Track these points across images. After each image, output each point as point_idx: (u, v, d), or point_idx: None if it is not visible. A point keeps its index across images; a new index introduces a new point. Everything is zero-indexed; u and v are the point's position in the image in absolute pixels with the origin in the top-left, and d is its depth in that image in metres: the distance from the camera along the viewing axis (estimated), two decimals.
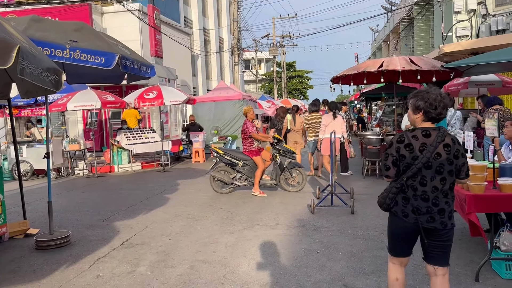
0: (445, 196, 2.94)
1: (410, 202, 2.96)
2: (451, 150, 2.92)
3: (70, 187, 10.44)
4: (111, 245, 5.46)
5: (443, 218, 2.93)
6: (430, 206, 2.92)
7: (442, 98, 2.98)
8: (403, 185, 2.97)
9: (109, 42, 4.97)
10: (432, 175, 2.92)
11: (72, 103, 11.36)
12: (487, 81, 11.79)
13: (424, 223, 2.93)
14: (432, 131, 2.95)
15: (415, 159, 2.93)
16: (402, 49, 25.57)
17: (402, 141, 2.98)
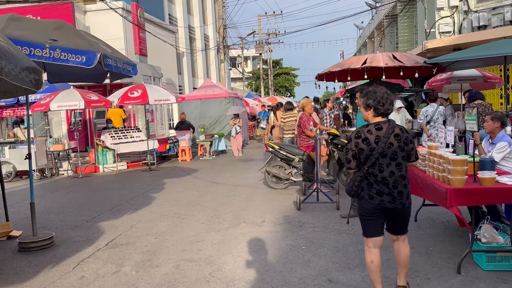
0: (403, 179, 3.40)
1: (373, 187, 3.39)
2: (401, 139, 3.39)
3: (54, 188, 10.31)
4: (96, 245, 5.41)
5: (402, 199, 3.39)
6: (390, 188, 3.37)
7: (388, 95, 3.44)
8: (366, 173, 3.40)
9: (90, 41, 4.91)
10: (388, 162, 3.37)
11: (55, 102, 11.21)
12: (469, 76, 11.96)
13: (387, 203, 3.37)
14: (383, 125, 3.41)
15: (372, 151, 3.36)
16: (386, 45, 25.78)
17: (359, 136, 3.42)
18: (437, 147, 4.72)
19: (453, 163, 3.98)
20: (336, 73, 10.35)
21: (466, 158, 4.04)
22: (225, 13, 28.10)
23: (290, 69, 60.93)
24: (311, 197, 7.18)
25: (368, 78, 10.97)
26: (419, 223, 5.67)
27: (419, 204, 5.90)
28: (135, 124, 16.56)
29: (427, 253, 4.59)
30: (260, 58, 45.67)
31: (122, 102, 12.08)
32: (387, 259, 4.29)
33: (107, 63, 4.91)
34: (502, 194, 3.91)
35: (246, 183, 9.43)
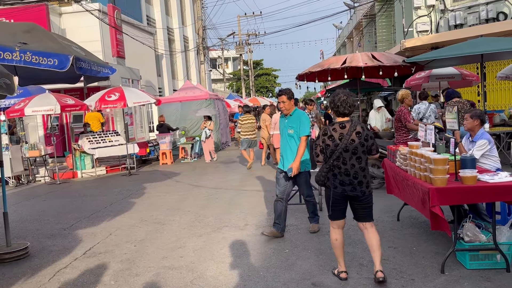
0: (362, 171, 3.92)
1: (337, 177, 3.93)
2: (362, 136, 3.89)
3: (31, 195, 10.02)
4: (73, 255, 5.23)
5: (362, 187, 3.92)
6: (351, 179, 3.90)
7: (345, 98, 3.92)
8: (331, 165, 3.94)
9: (62, 43, 4.74)
10: (350, 156, 3.89)
11: (30, 107, 10.89)
12: (447, 75, 12.11)
13: (348, 192, 3.91)
14: (346, 123, 3.92)
15: (336, 146, 3.89)
16: (365, 45, 26.00)
17: (326, 133, 3.97)
18: (418, 146, 4.71)
19: (435, 162, 3.96)
20: (316, 73, 10.34)
21: (447, 157, 4.03)
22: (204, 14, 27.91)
23: (271, 69, 61.04)
24: (295, 198, 7.12)
25: (348, 78, 11.00)
26: (401, 223, 5.66)
27: (401, 204, 5.91)
28: (114, 128, 16.26)
29: (410, 253, 4.57)
30: (241, 59, 45.59)
31: (100, 105, 11.82)
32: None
33: (80, 66, 4.74)
34: (484, 193, 3.91)
35: (228, 185, 9.32)
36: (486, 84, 13.89)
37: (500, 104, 14.69)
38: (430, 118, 8.52)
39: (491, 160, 4.98)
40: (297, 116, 5.25)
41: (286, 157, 5.30)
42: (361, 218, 4.03)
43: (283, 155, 5.36)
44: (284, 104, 5.18)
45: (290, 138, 5.23)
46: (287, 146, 5.28)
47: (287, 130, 5.25)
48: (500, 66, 13.75)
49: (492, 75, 14.14)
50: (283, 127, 5.33)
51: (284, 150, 5.35)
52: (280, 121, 5.44)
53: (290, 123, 5.22)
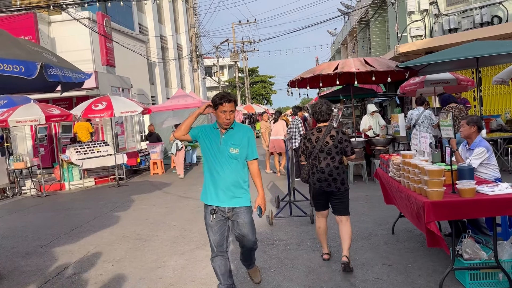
0: (336, 169, 4.42)
1: (315, 175, 4.49)
2: (336, 138, 4.43)
3: (14, 209, 9.64)
4: (46, 276, 4.88)
5: (336, 184, 4.43)
6: (326, 176, 4.43)
7: (321, 107, 4.52)
8: (311, 165, 4.53)
9: (30, 50, 4.43)
10: (325, 156, 4.44)
11: (14, 117, 10.54)
12: (442, 80, 11.85)
13: (324, 187, 4.45)
14: (323, 128, 4.50)
15: (313, 147, 4.48)
16: (359, 51, 25.81)
17: (305, 137, 4.60)
18: (412, 155, 4.41)
19: (430, 173, 3.65)
20: (308, 80, 10.08)
21: (444, 168, 3.72)
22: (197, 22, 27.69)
23: (267, 77, 60.86)
24: (285, 210, 6.81)
25: (340, 84, 10.75)
26: (396, 236, 5.34)
27: (396, 215, 5.60)
28: (104, 138, 15.89)
29: (406, 270, 4.25)
30: (236, 67, 45.40)
31: (86, 115, 11.49)
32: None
33: (52, 74, 4.42)
34: (484, 207, 3.58)
35: None
36: (482, 88, 13.66)
37: (496, 109, 14.45)
38: (423, 125, 8.20)
39: (490, 169, 4.68)
40: (242, 130, 3.71)
41: (221, 187, 3.61)
42: (337, 211, 4.51)
43: (217, 184, 3.63)
44: (231, 114, 3.56)
45: (232, 161, 3.60)
46: (226, 171, 3.60)
47: (227, 148, 3.60)
48: (495, 70, 13.53)
49: (487, 80, 13.92)
50: (217, 145, 3.62)
51: (219, 178, 3.61)
52: (210, 135, 3.68)
53: (233, 140, 3.62)
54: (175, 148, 12.81)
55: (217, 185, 3.62)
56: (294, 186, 7.51)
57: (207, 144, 3.66)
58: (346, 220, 4.46)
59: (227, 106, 3.51)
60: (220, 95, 3.56)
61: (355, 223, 6.00)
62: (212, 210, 3.62)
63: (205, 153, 3.69)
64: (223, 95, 3.55)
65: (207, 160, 3.67)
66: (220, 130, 3.65)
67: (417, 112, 8.37)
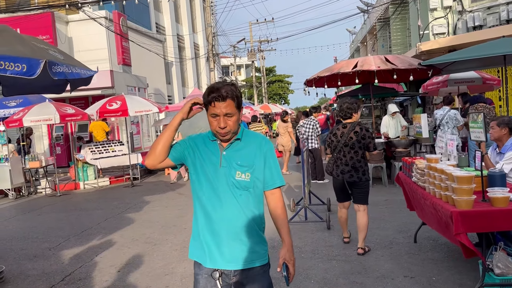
0: (359, 162, 4.83)
1: (339, 167, 4.93)
2: (359, 134, 4.83)
3: (27, 209, 9.59)
4: (50, 281, 4.71)
5: (359, 175, 4.83)
6: (350, 168, 4.85)
7: (344, 106, 4.95)
8: (335, 158, 4.97)
9: (35, 47, 4.26)
10: (348, 150, 4.86)
11: (29, 117, 10.51)
12: (466, 79, 11.37)
13: (347, 179, 4.87)
14: (348, 125, 4.93)
15: (338, 142, 4.92)
16: (379, 49, 25.26)
17: (332, 132, 5.07)
18: (438, 159, 4.08)
19: (458, 180, 3.33)
20: (325, 78, 9.74)
21: (473, 175, 3.39)
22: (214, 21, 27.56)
23: (284, 76, 60.46)
24: (300, 214, 6.52)
25: (359, 83, 10.39)
26: (419, 245, 5.00)
27: (418, 222, 5.26)
28: (119, 137, 15.85)
29: (429, 284, 3.92)
30: (253, 66, 45.18)
31: (101, 115, 11.40)
32: None
33: (57, 71, 4.25)
34: None
35: None
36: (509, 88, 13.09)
37: None
38: (447, 125, 7.78)
39: None
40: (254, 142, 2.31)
41: (224, 236, 2.21)
42: (357, 200, 4.91)
43: (217, 231, 2.22)
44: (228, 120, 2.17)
45: (240, 192, 2.22)
46: (230, 208, 2.21)
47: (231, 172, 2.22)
48: None
49: None
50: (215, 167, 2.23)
51: (220, 220, 2.21)
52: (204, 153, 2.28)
53: (240, 159, 2.24)
54: None
55: (217, 233, 2.21)
56: (310, 190, 7.22)
57: (198, 167, 2.26)
58: (364, 210, 4.86)
59: (220, 107, 2.13)
60: (209, 89, 2.18)
61: (374, 230, 5.68)
62: (215, 273, 2.19)
63: (196, 183, 2.28)
64: (212, 89, 2.16)
65: (200, 194, 2.25)
66: (219, 144, 2.26)
67: (441, 112, 7.96)
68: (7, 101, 11.93)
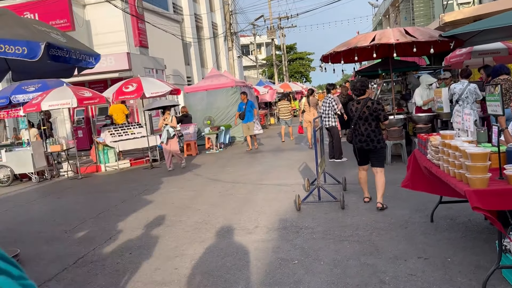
0: (373, 132, 5.55)
1: (357, 137, 5.67)
2: (371, 108, 5.51)
3: (49, 192, 9.79)
4: (63, 264, 4.77)
5: (373, 143, 5.56)
6: (365, 138, 5.59)
7: (354, 85, 5.78)
8: (353, 129, 5.71)
9: (35, 30, 4.20)
10: (363, 123, 5.59)
11: (47, 102, 10.63)
12: (491, 50, 10.90)
13: (364, 146, 5.62)
14: (361, 100, 5.63)
15: (353, 116, 5.64)
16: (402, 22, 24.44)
17: (349, 106, 5.78)
18: (453, 135, 3.86)
19: (472, 157, 3.14)
20: (342, 53, 9.43)
21: (489, 151, 3.18)
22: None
23: (305, 53, 59.39)
24: (315, 194, 6.41)
25: (378, 58, 10.03)
26: (435, 225, 4.82)
27: (435, 200, 5.07)
28: (139, 120, 15.96)
29: (444, 265, 3.77)
30: (273, 44, 44.53)
31: (117, 97, 11.45)
32: None
33: (55, 54, 4.19)
34: None
35: (247, 179, 8.68)
36: None
37: None
38: (467, 100, 7.39)
39: None
40: None
41: None
42: (374, 164, 5.67)
43: None
44: None
45: None
46: None
47: None
48: None
49: None
50: None
51: None
52: None
53: None
54: (166, 135, 10.93)
55: None
56: (324, 169, 7.07)
57: None
58: (381, 172, 5.58)
59: None
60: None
61: (390, 209, 5.53)
62: None
63: None
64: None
65: None
66: None
67: (460, 86, 7.57)
68: (26, 86, 12.09)
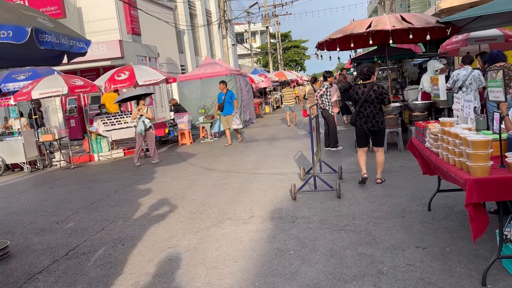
0: (377, 114, 6.02)
1: (362, 119, 6.08)
2: (377, 92, 5.95)
3: (40, 182, 9.65)
4: (54, 255, 4.66)
5: (378, 124, 6.03)
6: (370, 119, 6.03)
7: (361, 70, 6.15)
8: (358, 111, 6.12)
9: (21, 14, 4.05)
10: (369, 105, 6.01)
11: (37, 90, 10.44)
12: (488, 36, 10.77)
13: (369, 128, 6.05)
14: (368, 85, 6.05)
15: (360, 98, 6.06)
16: (397, 9, 24.23)
17: (354, 90, 6.17)
18: (452, 123, 3.77)
19: (473, 145, 3.05)
20: (338, 41, 9.29)
21: (490, 139, 3.09)
22: None
23: (300, 41, 58.97)
24: (310, 184, 6.33)
25: (374, 44, 9.92)
26: (433, 213, 4.75)
27: (433, 189, 5.00)
28: (132, 109, 15.75)
29: (443, 255, 3.70)
30: (267, 32, 44.15)
31: (109, 86, 11.25)
32: None
33: (44, 40, 4.04)
34: None
35: (242, 168, 8.59)
36: None
37: None
38: (471, 87, 7.28)
39: None
40: None
41: None
42: (376, 144, 6.19)
43: None
44: None
45: None
46: None
47: None
48: None
49: None
50: None
51: None
52: None
53: None
54: (142, 127, 10.23)
55: None
56: (320, 158, 6.98)
57: None
58: (381, 150, 6.13)
59: None
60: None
61: (386, 198, 5.46)
62: None
63: None
64: None
65: None
66: None
67: (464, 72, 7.45)
68: (17, 74, 11.87)
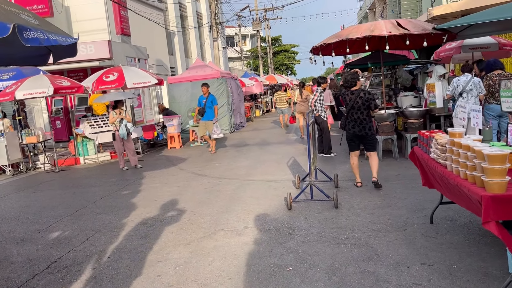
0: (364, 120, 6.25)
1: (350, 123, 6.34)
2: (363, 98, 6.21)
3: (23, 186, 9.27)
4: (34, 269, 4.35)
5: (366, 130, 6.25)
6: (358, 124, 6.27)
7: (345, 78, 6.54)
8: (347, 116, 6.38)
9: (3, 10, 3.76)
10: (356, 111, 6.27)
11: (21, 90, 10.05)
12: (481, 44, 10.69)
13: (357, 132, 6.28)
14: (355, 91, 6.32)
15: (347, 104, 6.33)
16: (388, 15, 24.25)
17: (343, 95, 6.50)
18: (461, 134, 3.58)
19: (490, 159, 2.85)
20: (333, 45, 9.10)
21: (508, 152, 2.90)
22: None
23: (290, 46, 59.04)
24: (306, 192, 6.10)
25: (369, 50, 9.75)
26: (436, 226, 4.56)
27: (434, 200, 4.81)
28: None
29: (450, 273, 3.50)
30: (258, 35, 44.03)
31: (97, 87, 10.91)
32: None
33: (29, 37, 3.75)
34: None
35: (233, 174, 8.33)
36: None
37: None
38: (471, 93, 7.15)
39: None
40: None
41: None
42: (367, 149, 6.34)
43: None
44: None
45: None
46: None
47: None
48: None
49: None
50: None
51: None
52: None
53: None
54: (125, 131, 9.83)
55: None
56: (316, 166, 6.77)
57: None
58: (374, 154, 6.28)
59: None
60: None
61: (385, 209, 5.26)
62: None
63: None
64: None
65: None
66: None
67: (464, 78, 7.35)
68: (0, 74, 11.45)
